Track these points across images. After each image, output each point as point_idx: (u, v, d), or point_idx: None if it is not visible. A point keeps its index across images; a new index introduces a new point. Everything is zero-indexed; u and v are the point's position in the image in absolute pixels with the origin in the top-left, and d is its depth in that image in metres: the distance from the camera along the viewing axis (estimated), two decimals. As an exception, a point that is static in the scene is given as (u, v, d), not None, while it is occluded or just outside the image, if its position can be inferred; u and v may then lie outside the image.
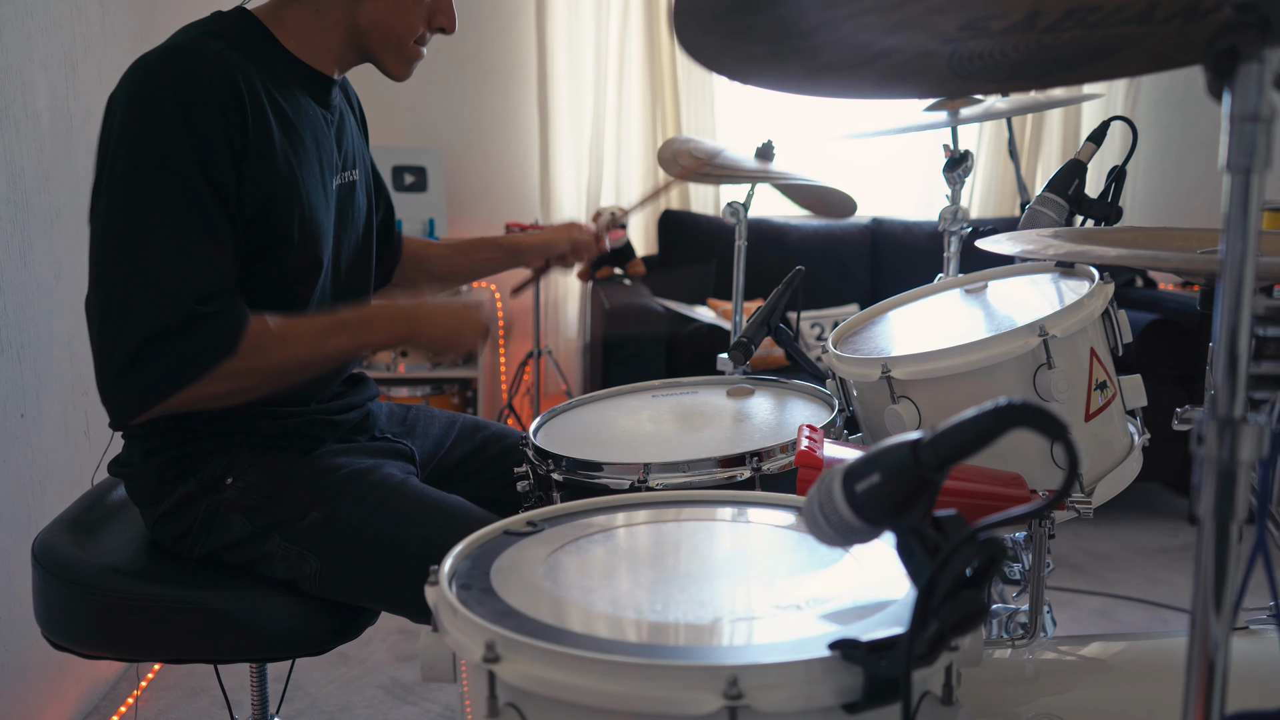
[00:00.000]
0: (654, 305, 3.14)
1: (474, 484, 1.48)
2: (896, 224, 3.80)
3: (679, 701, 0.59)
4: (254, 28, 1.24)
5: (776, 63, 0.56)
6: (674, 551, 0.85)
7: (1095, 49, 0.58)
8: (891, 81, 0.60)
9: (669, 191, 3.86)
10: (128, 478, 1.26)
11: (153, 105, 1.11)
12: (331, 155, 1.31)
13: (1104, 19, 0.54)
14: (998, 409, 0.48)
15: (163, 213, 1.10)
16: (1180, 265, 0.81)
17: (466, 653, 0.67)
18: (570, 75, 3.75)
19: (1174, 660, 1.04)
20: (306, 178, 1.23)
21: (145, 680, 2.16)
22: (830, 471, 0.60)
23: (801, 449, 1.01)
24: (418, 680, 2.22)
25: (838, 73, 0.59)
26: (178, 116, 1.10)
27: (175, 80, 1.11)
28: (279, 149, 1.18)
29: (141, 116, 1.11)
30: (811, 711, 0.60)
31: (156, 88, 1.12)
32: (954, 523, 0.56)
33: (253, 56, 1.19)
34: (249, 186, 1.15)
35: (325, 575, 1.17)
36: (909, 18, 0.51)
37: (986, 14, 0.52)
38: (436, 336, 1.25)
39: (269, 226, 1.19)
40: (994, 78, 0.62)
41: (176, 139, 1.10)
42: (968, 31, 0.54)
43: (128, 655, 1.17)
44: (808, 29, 0.52)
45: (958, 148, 1.65)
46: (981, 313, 1.37)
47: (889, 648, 0.58)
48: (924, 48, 0.56)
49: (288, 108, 1.21)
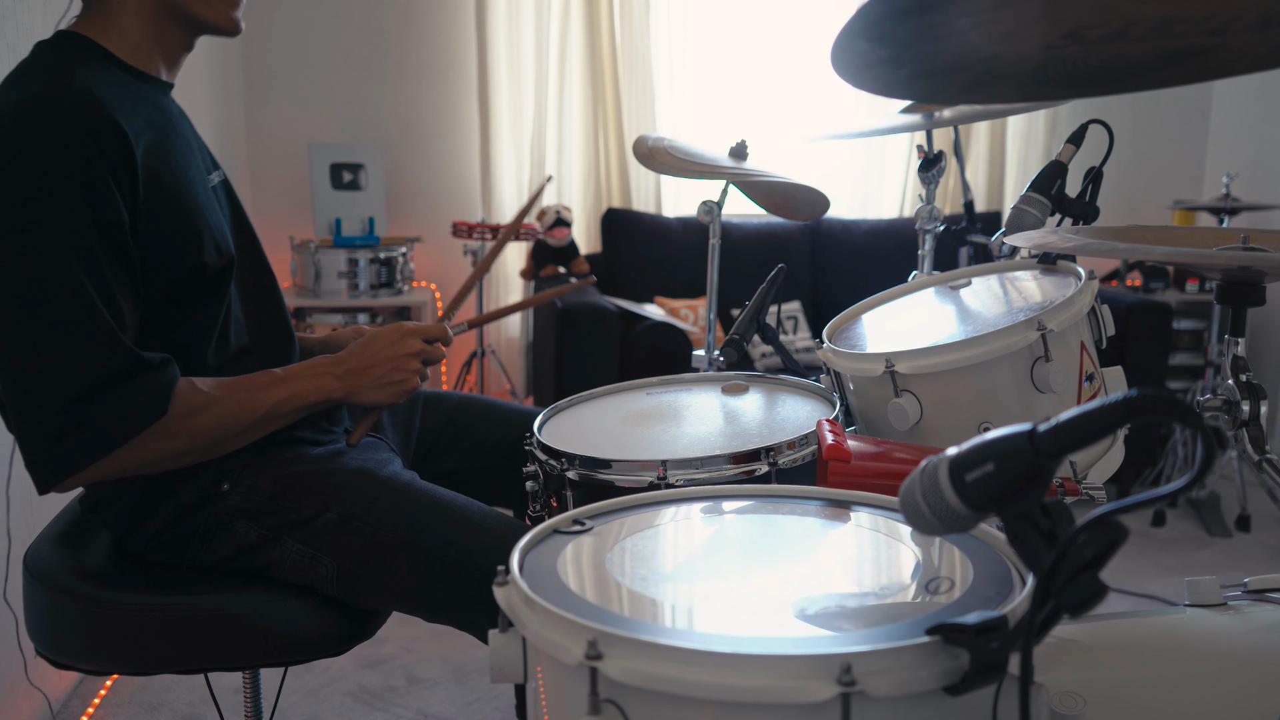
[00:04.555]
0: (605, 304, 3.15)
1: (454, 456, 1.48)
2: (835, 223, 3.88)
3: (793, 691, 0.60)
4: (88, 47, 1.13)
5: (892, 68, 0.58)
6: (740, 544, 0.87)
7: (1166, 57, 0.62)
8: (978, 86, 0.63)
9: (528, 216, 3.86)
10: (101, 507, 1.20)
11: (28, 161, 1.00)
12: (206, 156, 1.27)
13: (1189, 29, 0.57)
14: (1128, 399, 0.50)
15: (60, 272, 1.01)
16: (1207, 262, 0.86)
17: (561, 652, 0.67)
18: (511, 72, 3.73)
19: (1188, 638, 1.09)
20: (197, 188, 1.17)
21: (99, 696, 2.08)
22: (933, 462, 0.62)
23: (829, 443, 1.04)
24: (385, 686, 2.18)
25: (939, 77, 0.61)
26: (61, 167, 1.00)
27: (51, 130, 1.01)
28: (166, 168, 1.11)
29: (19, 174, 1.01)
30: (917, 695, 0.62)
31: (25, 140, 1.01)
32: (1059, 508, 0.58)
33: (104, 77, 1.10)
34: (146, 219, 1.08)
35: (343, 577, 1.15)
36: (1020, 25, 0.53)
37: (1089, 23, 0.55)
38: (373, 377, 1.19)
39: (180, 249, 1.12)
40: (1067, 84, 0.65)
41: (65, 192, 1.01)
42: (1067, 40, 0.57)
43: (139, 669, 1.13)
44: (937, 35, 0.54)
45: (931, 149, 1.69)
46: (970, 308, 1.41)
47: (996, 630, 0.60)
48: (1021, 54, 0.59)
49: (156, 118, 1.14)
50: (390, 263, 3.39)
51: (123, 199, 1.05)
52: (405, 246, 3.46)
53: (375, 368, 1.19)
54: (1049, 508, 0.58)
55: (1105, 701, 1.01)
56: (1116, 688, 1.08)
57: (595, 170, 3.89)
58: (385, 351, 1.20)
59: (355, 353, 1.20)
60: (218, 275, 1.17)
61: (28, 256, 1.00)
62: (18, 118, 1.03)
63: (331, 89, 3.73)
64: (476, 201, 3.81)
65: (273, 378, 1.16)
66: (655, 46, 3.79)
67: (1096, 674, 1.09)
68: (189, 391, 1.09)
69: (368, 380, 1.19)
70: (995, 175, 4.15)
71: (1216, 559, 3.03)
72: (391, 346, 1.21)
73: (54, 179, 1.00)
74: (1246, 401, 0.92)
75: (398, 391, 1.22)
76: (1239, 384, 0.92)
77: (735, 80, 3.99)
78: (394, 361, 1.20)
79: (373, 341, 1.21)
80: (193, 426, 1.09)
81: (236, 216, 1.28)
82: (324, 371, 1.18)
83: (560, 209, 3.57)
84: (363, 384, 1.19)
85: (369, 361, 1.19)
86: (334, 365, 1.19)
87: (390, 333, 1.22)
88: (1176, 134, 4.37)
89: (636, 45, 3.77)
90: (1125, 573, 2.86)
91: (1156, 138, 4.30)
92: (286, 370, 1.18)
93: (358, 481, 1.20)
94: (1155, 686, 1.06)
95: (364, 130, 3.75)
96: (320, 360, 1.20)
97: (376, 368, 1.19)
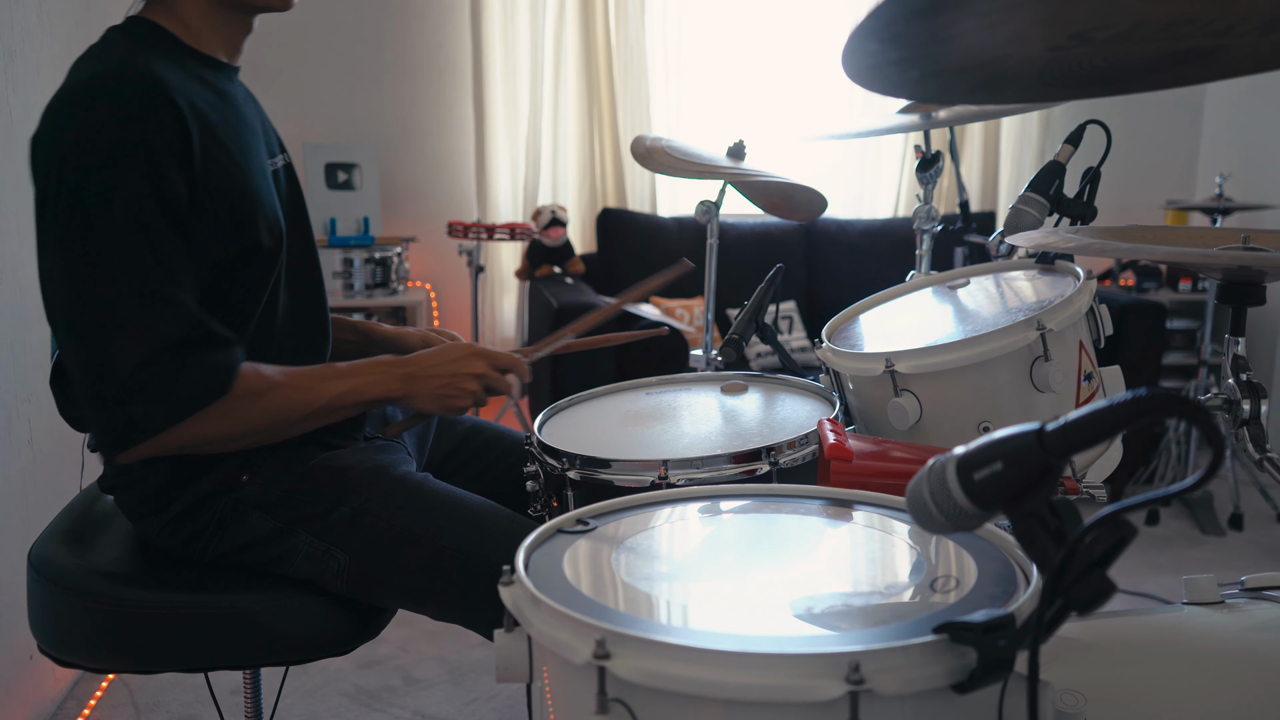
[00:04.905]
0: (601, 303, 3.15)
1: (461, 479, 1.48)
2: (830, 223, 3.88)
3: (801, 689, 0.61)
4: (155, 31, 1.17)
5: (901, 69, 0.58)
6: (744, 544, 0.87)
7: (1172, 58, 0.62)
8: (984, 87, 0.63)
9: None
10: (123, 488, 1.21)
11: (91, 135, 1.04)
12: (272, 139, 1.29)
13: (1195, 30, 0.58)
14: (1138, 398, 0.51)
15: (127, 243, 1.04)
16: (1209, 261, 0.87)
17: (569, 651, 0.67)
18: (506, 71, 3.72)
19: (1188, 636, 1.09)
20: (255, 170, 1.19)
21: (94, 698, 2.07)
22: (940, 461, 0.62)
23: (831, 443, 1.04)
24: (382, 686, 2.18)
25: (946, 78, 0.61)
26: (122, 142, 1.04)
27: (113, 106, 1.05)
28: (223, 148, 1.14)
29: (83, 147, 1.04)
30: (925, 694, 0.62)
31: (89, 117, 1.05)
32: (1066, 507, 0.58)
33: (167, 60, 1.14)
34: (203, 197, 1.10)
35: (354, 572, 1.16)
36: (1029, 25, 0.54)
37: (1097, 24, 0.55)
38: (432, 387, 1.20)
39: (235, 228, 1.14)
40: (1072, 85, 0.66)
41: (126, 166, 1.04)
42: (1074, 40, 0.57)
43: (146, 668, 1.12)
44: (948, 36, 0.54)
45: (929, 149, 1.70)
46: (969, 308, 1.42)
47: (1003, 628, 0.60)
48: (1028, 55, 0.59)
49: (215, 99, 1.17)
50: (385, 263, 3.38)
51: (180, 176, 1.08)
52: (400, 247, 3.46)
53: (436, 379, 1.21)
54: (1056, 506, 0.58)
55: (1106, 699, 1.01)
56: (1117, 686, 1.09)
57: (590, 170, 3.89)
58: (449, 367, 1.22)
59: (421, 359, 1.22)
60: (267, 258, 1.19)
61: (95, 228, 1.03)
62: (83, 96, 1.06)
63: (326, 89, 3.73)
64: (472, 201, 3.81)
65: (335, 371, 1.18)
66: (650, 46, 3.79)
67: (1097, 672, 1.09)
68: (252, 374, 1.12)
69: (425, 388, 1.21)
70: (989, 175, 4.17)
71: (1210, 557, 3.04)
72: (456, 363, 1.22)
73: (116, 155, 1.04)
74: (1247, 400, 0.93)
75: (448, 406, 1.23)
76: (1239, 383, 0.93)
77: (730, 80, 3.99)
78: (455, 379, 1.22)
79: (442, 353, 1.24)
80: (252, 409, 1.11)
81: (294, 202, 1.30)
82: (387, 371, 1.20)
83: (555, 209, 3.56)
84: (420, 390, 1.21)
85: (431, 371, 1.21)
86: (398, 366, 1.21)
87: (460, 349, 1.24)
88: (1169, 134, 4.39)
89: (632, 45, 3.77)
90: (1119, 571, 2.85)
91: (1149, 138, 4.32)
92: (350, 365, 1.20)
93: (373, 478, 1.21)
94: (1156, 684, 1.06)
95: (358, 130, 3.74)
96: (385, 359, 1.22)
97: (437, 379, 1.21)
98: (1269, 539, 3.19)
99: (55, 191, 1.05)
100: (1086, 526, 0.53)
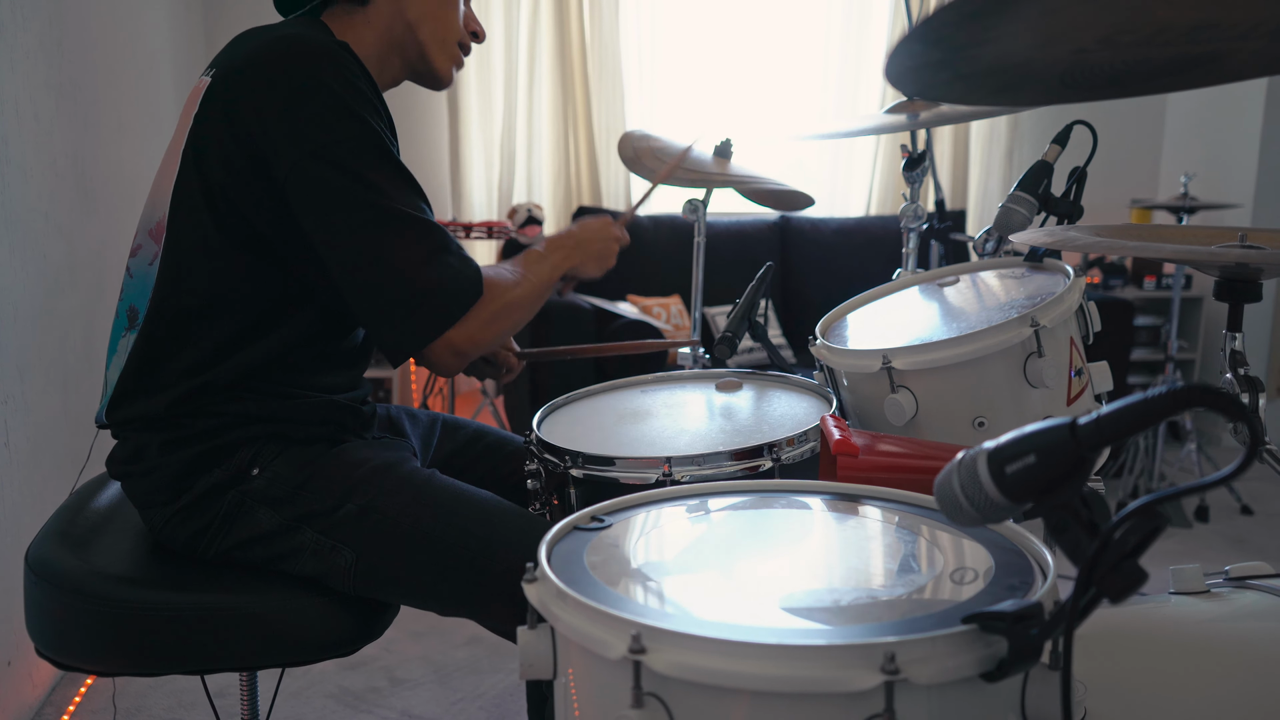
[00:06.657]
0: (580, 301, 3.15)
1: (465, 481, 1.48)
2: (804, 221, 3.91)
3: (838, 680, 0.62)
4: (331, 35, 1.24)
5: (934, 70, 0.59)
6: (762, 538, 0.88)
7: (1186, 61, 0.64)
8: (1007, 89, 0.64)
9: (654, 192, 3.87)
10: (136, 476, 1.20)
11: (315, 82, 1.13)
12: None
13: (1215, 35, 0.59)
14: (1175, 391, 0.52)
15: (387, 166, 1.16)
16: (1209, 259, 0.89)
17: (602, 647, 0.67)
18: (480, 69, 3.71)
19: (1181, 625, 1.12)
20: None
21: (73, 703, 2.04)
22: (971, 454, 0.63)
23: (836, 439, 1.06)
24: (367, 687, 2.17)
25: (973, 80, 0.62)
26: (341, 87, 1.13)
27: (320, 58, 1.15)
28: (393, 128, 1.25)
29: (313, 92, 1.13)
30: (958, 682, 0.64)
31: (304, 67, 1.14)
32: (1095, 498, 0.60)
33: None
34: None
35: (360, 568, 1.16)
36: (1062, 29, 0.55)
37: (1123, 28, 0.56)
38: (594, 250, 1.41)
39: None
40: (1091, 87, 0.67)
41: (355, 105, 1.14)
42: (1100, 44, 0.58)
43: (147, 670, 1.11)
44: (986, 39, 0.55)
45: (916, 148, 1.72)
46: (957, 306, 1.44)
47: (1033, 617, 0.62)
48: (1053, 57, 0.60)
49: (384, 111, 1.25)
50: (360, 261, 3.35)
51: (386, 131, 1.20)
52: (375, 245, 3.43)
53: (596, 243, 1.42)
54: (1086, 498, 0.60)
55: (1104, 687, 1.04)
56: (1115, 674, 1.11)
57: (565, 168, 3.88)
58: (600, 233, 1.43)
59: (575, 233, 1.42)
60: None
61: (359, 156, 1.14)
62: (290, 49, 1.16)
63: (298, 85, 3.69)
64: (446, 200, 3.79)
65: (536, 255, 1.36)
66: (625, 44, 3.79)
67: (1094, 661, 1.11)
68: (493, 275, 1.26)
69: (590, 252, 1.41)
70: (959, 175, 4.22)
71: (1178, 549, 3.11)
72: (603, 229, 1.44)
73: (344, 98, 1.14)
74: (1245, 395, 0.95)
75: (606, 266, 1.45)
76: (1237, 378, 0.95)
77: (705, 78, 4.01)
78: (606, 243, 1.44)
79: (587, 226, 1.44)
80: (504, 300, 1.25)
81: None
82: (563, 245, 1.39)
83: (531, 207, 3.56)
84: (587, 255, 1.41)
85: (590, 239, 1.42)
86: (568, 239, 1.40)
87: (600, 221, 1.45)
88: (1133, 135, 4.47)
89: (606, 43, 3.77)
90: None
91: (1113, 138, 4.40)
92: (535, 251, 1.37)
93: (380, 474, 1.21)
94: (1153, 672, 1.09)
95: (331, 127, 3.71)
96: (555, 238, 1.40)
97: (597, 243, 1.42)
98: (1234, 530, 3.27)
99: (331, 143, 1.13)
100: (1121, 517, 0.55)
